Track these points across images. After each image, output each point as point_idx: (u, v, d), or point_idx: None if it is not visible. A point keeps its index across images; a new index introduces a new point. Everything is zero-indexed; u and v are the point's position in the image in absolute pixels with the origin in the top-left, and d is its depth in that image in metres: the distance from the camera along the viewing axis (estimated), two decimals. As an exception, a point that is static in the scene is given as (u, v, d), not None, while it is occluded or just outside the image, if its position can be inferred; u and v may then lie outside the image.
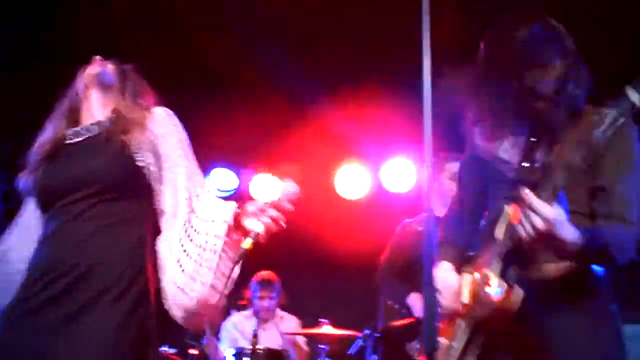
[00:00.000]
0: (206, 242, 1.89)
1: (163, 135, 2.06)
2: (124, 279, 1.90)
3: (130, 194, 2.01)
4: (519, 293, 1.86)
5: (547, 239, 1.74)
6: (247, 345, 4.45)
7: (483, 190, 2.17)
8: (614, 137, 1.90)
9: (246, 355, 4.32)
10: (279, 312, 5.24)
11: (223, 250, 1.90)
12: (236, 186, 6.16)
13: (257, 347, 4.34)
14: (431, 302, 1.39)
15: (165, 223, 1.99)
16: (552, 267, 1.92)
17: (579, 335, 1.89)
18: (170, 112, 2.14)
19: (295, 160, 5.89)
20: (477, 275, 2.00)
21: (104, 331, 1.82)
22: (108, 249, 1.92)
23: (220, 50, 4.55)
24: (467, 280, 2.04)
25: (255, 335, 4.35)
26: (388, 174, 6.05)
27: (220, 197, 2.04)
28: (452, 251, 2.17)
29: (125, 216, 1.99)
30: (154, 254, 1.98)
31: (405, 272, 3.98)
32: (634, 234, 1.87)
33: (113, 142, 2.02)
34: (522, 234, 1.76)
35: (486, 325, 1.95)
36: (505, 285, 1.87)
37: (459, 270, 2.11)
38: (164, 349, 4.63)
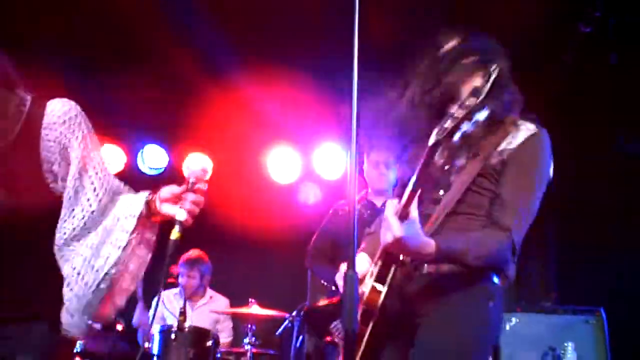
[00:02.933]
0: (116, 239, 1.88)
1: (67, 137, 1.89)
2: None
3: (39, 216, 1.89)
4: (381, 294, 2.08)
5: (398, 247, 1.95)
6: (174, 322, 4.45)
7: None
8: (522, 148, 2.09)
9: (172, 332, 4.31)
10: (209, 292, 5.25)
11: (129, 242, 1.88)
12: (167, 163, 6.10)
13: (184, 325, 4.34)
14: (351, 283, 1.45)
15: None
16: (430, 266, 2.11)
17: (441, 325, 2.07)
18: (73, 103, 1.93)
19: (227, 138, 5.88)
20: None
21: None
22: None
23: (149, 28, 4.45)
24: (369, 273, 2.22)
25: (181, 313, 4.35)
26: (319, 159, 6.10)
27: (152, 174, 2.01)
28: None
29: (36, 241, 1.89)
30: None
31: (333, 255, 4.04)
32: (507, 239, 2.04)
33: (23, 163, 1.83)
34: (382, 238, 1.99)
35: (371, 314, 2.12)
36: (371, 286, 2.10)
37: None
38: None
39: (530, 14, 3.83)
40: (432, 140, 1.90)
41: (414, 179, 1.93)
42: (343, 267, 3.77)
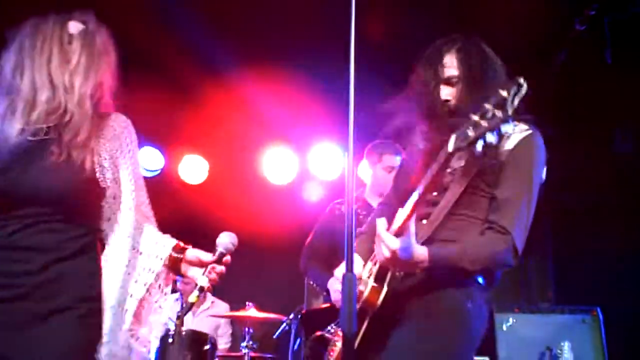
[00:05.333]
0: (140, 275, 1.97)
1: (119, 148, 2.02)
2: (85, 294, 1.90)
3: (88, 209, 1.97)
4: (381, 293, 2.09)
5: (394, 263, 1.98)
6: (172, 327, 4.43)
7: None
8: (517, 149, 2.09)
9: (170, 336, 4.29)
10: (210, 297, 5.23)
11: (152, 286, 1.98)
12: (162, 165, 6.09)
13: (182, 329, 4.33)
14: (350, 285, 1.43)
15: (108, 238, 2.00)
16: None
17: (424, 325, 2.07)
18: (128, 121, 2.10)
19: (222, 140, 5.86)
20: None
21: (66, 341, 1.82)
22: (72, 262, 1.90)
23: (144, 29, 4.43)
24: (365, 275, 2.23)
25: (178, 317, 4.33)
26: (315, 159, 6.08)
27: (148, 176, 2.06)
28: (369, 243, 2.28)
29: (85, 230, 1.95)
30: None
31: (328, 256, 4.01)
32: (506, 243, 2.04)
33: (74, 156, 1.90)
34: (378, 256, 2.03)
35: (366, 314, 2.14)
36: (371, 286, 2.12)
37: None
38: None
39: (525, 12, 3.83)
40: (451, 147, 1.84)
41: (421, 188, 1.92)
42: (338, 272, 3.75)
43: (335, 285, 3.73)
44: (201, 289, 1.90)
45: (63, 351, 1.81)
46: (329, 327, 3.75)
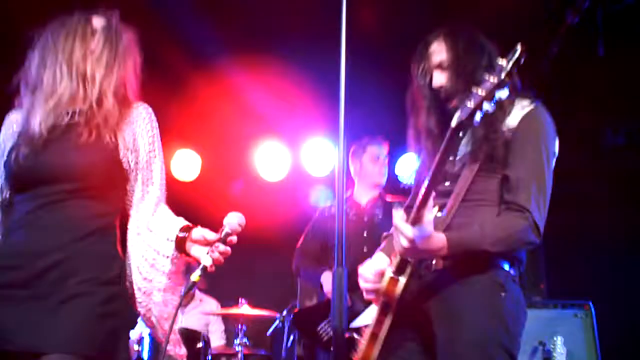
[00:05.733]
0: (155, 260, 2.00)
1: (142, 133, 2.09)
2: (104, 273, 1.92)
3: (110, 191, 2.02)
4: (399, 283, 2.05)
5: (413, 252, 1.94)
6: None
7: None
8: (521, 125, 2.05)
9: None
10: (199, 295, 5.21)
11: (170, 272, 2.00)
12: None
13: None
14: (340, 282, 1.42)
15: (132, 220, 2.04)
16: (441, 261, 2.08)
17: (458, 312, 2.02)
18: (150, 109, 2.18)
19: (214, 134, 5.83)
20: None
21: (85, 319, 1.84)
22: (90, 242, 1.93)
23: (134, 21, 4.39)
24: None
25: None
26: (308, 156, 6.05)
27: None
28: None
29: (105, 210, 2.00)
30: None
31: (320, 257, 4.02)
32: (524, 220, 2.00)
33: (100, 137, 1.98)
34: (396, 247, 1.98)
35: (390, 306, 2.10)
36: (390, 276, 2.07)
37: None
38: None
39: (517, 5, 3.82)
40: (454, 123, 1.79)
41: (430, 175, 1.87)
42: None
43: (328, 278, 3.73)
44: (204, 268, 1.88)
45: (68, 338, 1.80)
46: (322, 324, 3.75)
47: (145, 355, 4.26)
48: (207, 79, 5.08)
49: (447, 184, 2.12)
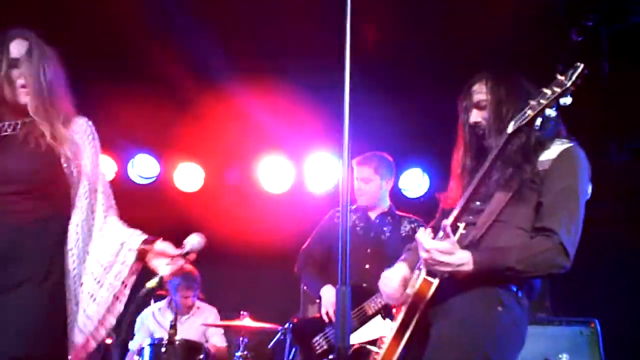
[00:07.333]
0: (113, 267, 2.15)
1: (83, 144, 2.23)
2: (45, 270, 2.05)
3: (52, 194, 2.15)
4: (432, 285, 2.12)
5: (433, 263, 2.05)
6: (164, 336, 4.39)
7: None
8: (559, 158, 2.16)
9: (163, 346, 4.25)
10: (197, 303, 5.19)
11: (126, 279, 2.17)
12: (158, 172, 6.06)
13: (175, 338, 4.28)
14: (344, 299, 1.41)
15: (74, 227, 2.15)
16: None
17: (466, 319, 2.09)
18: (90, 122, 2.31)
19: (218, 148, 5.84)
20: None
21: (31, 311, 1.97)
22: (36, 242, 2.06)
23: (141, 38, 4.42)
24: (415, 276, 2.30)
25: (172, 327, 4.29)
26: (311, 169, 6.03)
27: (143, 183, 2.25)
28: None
29: (48, 213, 2.13)
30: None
31: (323, 262, 3.99)
32: (552, 242, 2.06)
33: (39, 145, 2.11)
34: (421, 259, 2.11)
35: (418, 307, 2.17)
36: (423, 278, 2.15)
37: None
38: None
39: (522, 23, 3.83)
40: (511, 129, 2.00)
41: (469, 190, 2.04)
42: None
43: (328, 294, 3.71)
44: (161, 278, 2.11)
45: (25, 320, 1.93)
46: (318, 337, 3.74)
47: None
48: (212, 94, 5.11)
49: (478, 203, 2.19)
